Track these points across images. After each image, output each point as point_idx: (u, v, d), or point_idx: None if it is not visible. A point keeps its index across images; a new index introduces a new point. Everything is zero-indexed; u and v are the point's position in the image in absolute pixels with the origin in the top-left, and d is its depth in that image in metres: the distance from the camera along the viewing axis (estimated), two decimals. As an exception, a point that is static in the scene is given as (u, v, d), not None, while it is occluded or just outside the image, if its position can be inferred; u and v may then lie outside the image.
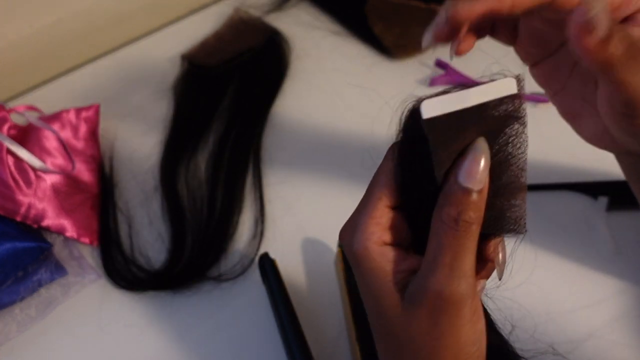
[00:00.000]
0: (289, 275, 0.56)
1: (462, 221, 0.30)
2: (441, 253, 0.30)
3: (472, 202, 0.30)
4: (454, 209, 0.30)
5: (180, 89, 0.72)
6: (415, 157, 0.32)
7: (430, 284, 0.31)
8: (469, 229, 0.30)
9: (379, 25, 0.74)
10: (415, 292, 0.31)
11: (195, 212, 0.62)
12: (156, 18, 0.80)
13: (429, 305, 0.31)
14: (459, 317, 0.31)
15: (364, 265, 0.33)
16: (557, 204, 0.61)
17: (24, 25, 0.72)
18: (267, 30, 0.76)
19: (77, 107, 0.66)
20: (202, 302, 0.57)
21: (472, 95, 0.30)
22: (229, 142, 0.67)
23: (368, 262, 0.32)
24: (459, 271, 0.30)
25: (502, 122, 0.31)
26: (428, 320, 0.31)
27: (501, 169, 0.32)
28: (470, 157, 0.30)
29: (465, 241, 0.30)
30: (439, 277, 0.30)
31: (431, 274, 0.31)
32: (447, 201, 0.31)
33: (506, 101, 0.30)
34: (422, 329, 0.32)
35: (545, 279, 0.55)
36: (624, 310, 0.55)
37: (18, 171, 0.58)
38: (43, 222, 0.58)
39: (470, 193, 0.30)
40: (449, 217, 0.30)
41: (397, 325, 0.32)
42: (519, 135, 0.32)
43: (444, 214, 0.30)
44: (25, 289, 0.56)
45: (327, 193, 0.63)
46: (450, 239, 0.30)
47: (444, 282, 0.30)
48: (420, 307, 0.31)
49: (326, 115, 0.70)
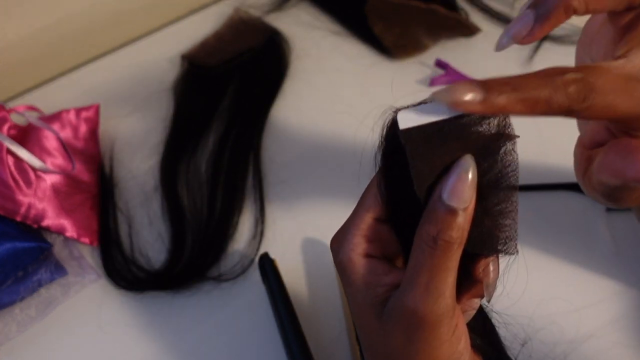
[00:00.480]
0: (289, 275, 0.56)
1: (440, 240, 0.29)
2: (417, 272, 0.30)
3: (454, 222, 0.29)
4: (433, 227, 0.29)
5: (180, 89, 0.72)
6: (397, 169, 0.31)
7: (405, 302, 0.30)
8: (449, 248, 0.30)
9: (379, 25, 0.74)
10: (392, 308, 0.31)
11: (195, 212, 0.62)
12: (156, 18, 0.80)
13: (403, 322, 0.31)
14: (435, 337, 0.31)
15: (347, 276, 0.33)
16: (556, 204, 0.61)
17: (24, 25, 0.72)
18: (267, 30, 0.76)
19: (77, 107, 0.66)
20: (202, 302, 0.57)
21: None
22: (229, 142, 0.67)
23: (351, 273, 0.32)
24: (435, 291, 0.30)
25: (489, 138, 0.30)
26: (403, 337, 0.31)
27: (490, 188, 0.30)
28: (455, 174, 0.29)
29: (444, 261, 0.30)
30: (414, 295, 0.30)
31: (407, 292, 0.30)
32: (428, 219, 0.30)
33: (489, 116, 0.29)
34: (397, 345, 0.31)
35: (545, 279, 0.55)
36: (624, 311, 0.55)
37: (18, 171, 0.58)
38: (43, 222, 0.58)
39: (453, 212, 0.29)
40: (428, 235, 0.30)
41: (375, 339, 0.32)
42: (508, 153, 0.30)
43: (423, 232, 0.30)
44: (25, 289, 0.56)
45: (327, 193, 0.63)
46: (428, 258, 0.30)
47: (419, 301, 0.30)
48: (396, 323, 0.31)
49: (326, 115, 0.70)
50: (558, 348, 0.52)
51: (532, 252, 0.58)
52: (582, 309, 0.55)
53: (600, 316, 0.55)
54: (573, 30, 0.75)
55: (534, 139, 0.64)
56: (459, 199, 0.29)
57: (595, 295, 0.56)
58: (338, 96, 0.71)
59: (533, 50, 0.73)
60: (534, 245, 0.58)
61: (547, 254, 0.58)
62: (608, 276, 0.57)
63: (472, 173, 0.29)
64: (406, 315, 0.30)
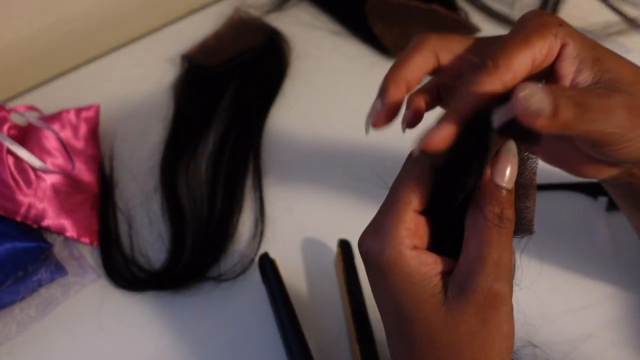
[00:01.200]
0: (289, 275, 0.56)
1: (505, 218, 0.31)
2: (488, 250, 0.31)
3: (511, 201, 0.31)
4: (497, 206, 0.31)
5: (180, 89, 0.72)
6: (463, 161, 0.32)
7: (479, 281, 0.31)
8: (510, 226, 0.32)
9: (379, 25, 0.74)
10: (463, 292, 0.31)
11: (195, 212, 0.62)
12: (156, 18, 0.80)
13: (478, 302, 0.31)
14: (505, 313, 0.31)
15: (399, 271, 0.32)
16: (556, 204, 0.61)
17: (24, 26, 0.72)
18: (267, 30, 0.76)
19: (77, 107, 0.66)
20: (202, 302, 0.57)
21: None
22: (229, 142, 0.67)
23: (404, 267, 0.32)
24: (505, 268, 0.31)
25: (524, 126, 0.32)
26: (476, 319, 0.31)
27: (519, 171, 0.33)
28: (504, 157, 0.32)
29: (508, 238, 0.32)
30: (488, 273, 0.31)
31: (479, 271, 0.31)
32: (488, 200, 0.31)
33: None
34: (469, 330, 0.31)
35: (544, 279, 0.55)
36: (624, 311, 0.55)
37: (18, 171, 0.58)
38: (43, 222, 0.58)
39: (510, 192, 0.31)
40: (493, 214, 0.31)
41: (440, 329, 0.32)
42: (535, 137, 0.33)
43: (487, 212, 0.31)
44: (25, 289, 0.56)
45: (327, 193, 0.63)
46: (496, 236, 0.31)
47: (492, 279, 0.31)
48: (468, 305, 0.31)
49: (326, 115, 0.70)
50: (558, 348, 0.52)
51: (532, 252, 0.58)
52: (581, 309, 0.55)
53: (599, 316, 0.55)
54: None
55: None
56: (509, 180, 0.32)
57: (595, 295, 0.56)
58: (338, 96, 0.71)
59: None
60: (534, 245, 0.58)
61: (546, 254, 0.58)
62: (607, 276, 0.57)
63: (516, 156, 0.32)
64: (480, 295, 0.31)
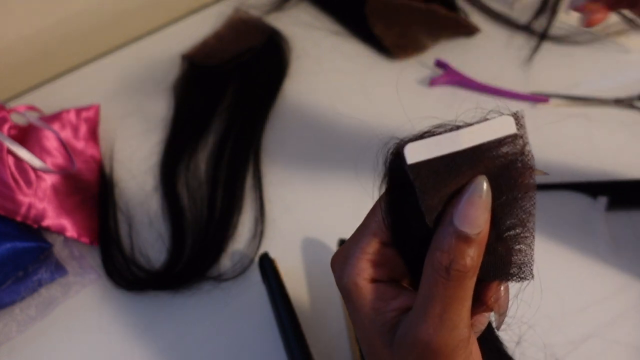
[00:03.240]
0: (289, 275, 0.56)
1: (453, 270, 0.27)
2: (430, 303, 0.28)
3: (467, 249, 0.27)
4: (445, 256, 0.27)
5: (180, 89, 0.72)
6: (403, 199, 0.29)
7: (418, 333, 0.28)
8: (462, 278, 0.27)
9: (379, 25, 0.74)
10: (404, 338, 0.29)
11: (195, 212, 0.62)
12: (156, 18, 0.80)
13: (416, 353, 0.29)
14: None
15: (353, 302, 0.31)
16: (556, 203, 0.61)
17: (24, 25, 0.72)
18: (267, 30, 0.76)
19: (77, 107, 0.66)
20: (202, 302, 0.57)
21: (464, 137, 0.27)
22: (229, 142, 0.67)
23: (357, 298, 0.31)
24: (449, 322, 0.28)
25: (505, 164, 0.28)
26: None
27: (504, 212, 0.28)
28: (467, 197, 0.27)
29: (457, 291, 0.28)
30: (428, 327, 0.28)
31: (420, 323, 0.28)
32: (439, 246, 0.28)
33: (506, 143, 0.27)
34: None
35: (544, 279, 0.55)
36: (623, 310, 0.55)
37: (18, 171, 0.58)
38: (43, 222, 0.58)
39: (466, 239, 0.27)
40: (440, 265, 0.27)
41: None
42: (525, 176, 0.28)
43: (435, 261, 0.28)
44: (25, 289, 0.56)
45: (327, 193, 0.63)
46: (441, 289, 0.28)
47: (432, 333, 0.28)
48: (408, 354, 0.29)
49: (326, 115, 0.70)
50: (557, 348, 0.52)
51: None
52: (581, 309, 0.55)
53: (599, 316, 0.55)
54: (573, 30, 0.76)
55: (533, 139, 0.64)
56: (471, 224, 0.27)
57: (594, 295, 0.56)
58: (338, 96, 0.71)
59: (533, 50, 0.73)
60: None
61: (546, 254, 0.58)
62: (607, 275, 0.57)
63: (486, 195, 0.27)
64: (419, 347, 0.29)
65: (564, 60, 0.73)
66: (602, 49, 0.74)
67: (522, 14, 0.78)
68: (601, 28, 0.76)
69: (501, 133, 0.27)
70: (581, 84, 0.70)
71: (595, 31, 0.75)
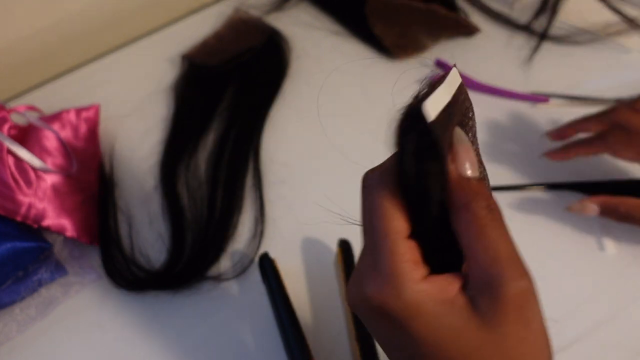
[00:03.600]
0: (289, 275, 0.56)
1: (493, 206, 0.28)
2: (500, 248, 0.27)
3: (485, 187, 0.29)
4: (482, 200, 0.28)
5: (180, 89, 0.72)
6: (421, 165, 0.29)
7: (511, 286, 0.27)
8: (500, 212, 0.28)
9: (379, 25, 0.74)
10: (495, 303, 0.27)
11: (195, 212, 0.62)
12: (156, 18, 0.80)
13: (516, 309, 0.27)
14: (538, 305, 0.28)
15: (426, 310, 0.28)
16: (556, 203, 0.61)
17: (24, 26, 0.72)
18: (267, 30, 0.76)
19: (77, 107, 0.66)
20: (202, 302, 0.57)
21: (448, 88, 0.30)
22: (229, 142, 0.67)
23: (428, 305, 0.28)
24: (517, 256, 0.27)
25: (465, 108, 0.32)
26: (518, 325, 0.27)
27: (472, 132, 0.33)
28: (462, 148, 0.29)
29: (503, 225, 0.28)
30: (513, 275, 0.27)
31: (504, 276, 0.27)
32: (471, 196, 0.28)
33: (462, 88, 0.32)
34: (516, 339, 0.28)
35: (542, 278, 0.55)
36: (622, 311, 0.55)
37: (18, 171, 0.58)
38: (43, 222, 0.58)
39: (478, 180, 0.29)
40: (484, 210, 0.28)
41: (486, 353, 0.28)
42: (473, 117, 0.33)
43: (476, 209, 0.28)
44: (25, 289, 0.56)
45: (327, 193, 0.63)
46: (496, 231, 0.27)
47: (519, 277, 0.27)
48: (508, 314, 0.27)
49: (326, 115, 0.70)
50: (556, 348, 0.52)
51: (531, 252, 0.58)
52: (580, 309, 0.55)
53: (599, 316, 0.55)
54: (573, 30, 0.76)
55: (533, 139, 0.64)
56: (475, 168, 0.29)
57: (594, 295, 0.56)
58: (338, 96, 0.71)
59: (533, 50, 0.73)
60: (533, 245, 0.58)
61: (545, 253, 0.58)
62: (607, 276, 0.57)
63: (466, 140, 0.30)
64: (516, 301, 0.27)
65: (564, 60, 0.73)
66: (602, 49, 0.74)
67: (522, 14, 0.78)
68: (601, 28, 0.76)
69: (458, 81, 0.32)
70: (581, 84, 0.70)
71: (595, 31, 0.75)
